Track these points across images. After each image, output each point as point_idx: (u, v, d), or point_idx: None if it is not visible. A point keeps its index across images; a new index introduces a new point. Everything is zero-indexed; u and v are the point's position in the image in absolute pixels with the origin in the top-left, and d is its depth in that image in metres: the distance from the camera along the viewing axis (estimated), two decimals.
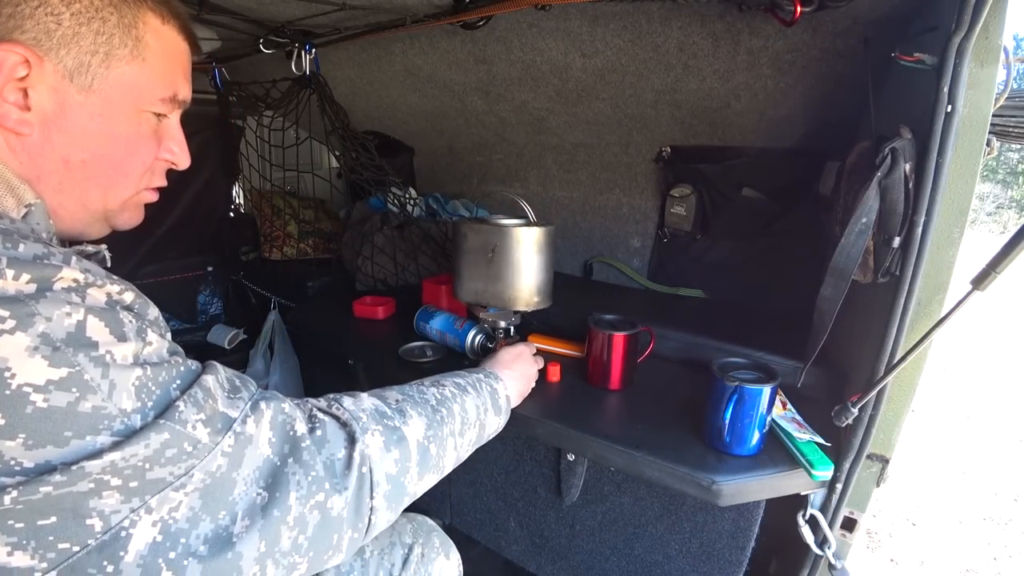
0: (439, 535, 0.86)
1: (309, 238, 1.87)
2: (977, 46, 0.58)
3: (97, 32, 0.45)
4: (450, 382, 0.71)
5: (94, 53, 0.45)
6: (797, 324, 0.92)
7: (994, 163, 15.55)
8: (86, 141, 0.47)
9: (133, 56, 0.47)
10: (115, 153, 0.49)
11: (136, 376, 0.40)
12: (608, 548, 0.99)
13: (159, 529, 0.38)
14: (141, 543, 0.38)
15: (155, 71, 0.49)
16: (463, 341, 1.10)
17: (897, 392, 0.74)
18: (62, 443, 0.35)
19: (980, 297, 0.56)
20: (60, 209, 0.49)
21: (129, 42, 0.47)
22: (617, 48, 1.09)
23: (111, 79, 0.46)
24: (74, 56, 0.44)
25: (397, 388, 0.65)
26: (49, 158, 0.46)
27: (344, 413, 0.54)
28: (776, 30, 0.92)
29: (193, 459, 0.41)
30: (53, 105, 0.44)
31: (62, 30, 0.43)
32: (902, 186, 0.64)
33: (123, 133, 0.49)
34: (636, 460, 0.79)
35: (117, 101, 0.47)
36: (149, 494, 0.38)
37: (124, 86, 0.47)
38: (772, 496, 0.78)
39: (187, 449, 0.41)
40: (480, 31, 1.12)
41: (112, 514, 0.37)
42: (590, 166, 1.53)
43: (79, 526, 0.36)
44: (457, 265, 1.05)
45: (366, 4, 1.04)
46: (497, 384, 0.79)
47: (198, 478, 0.41)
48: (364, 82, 1.59)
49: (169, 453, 0.40)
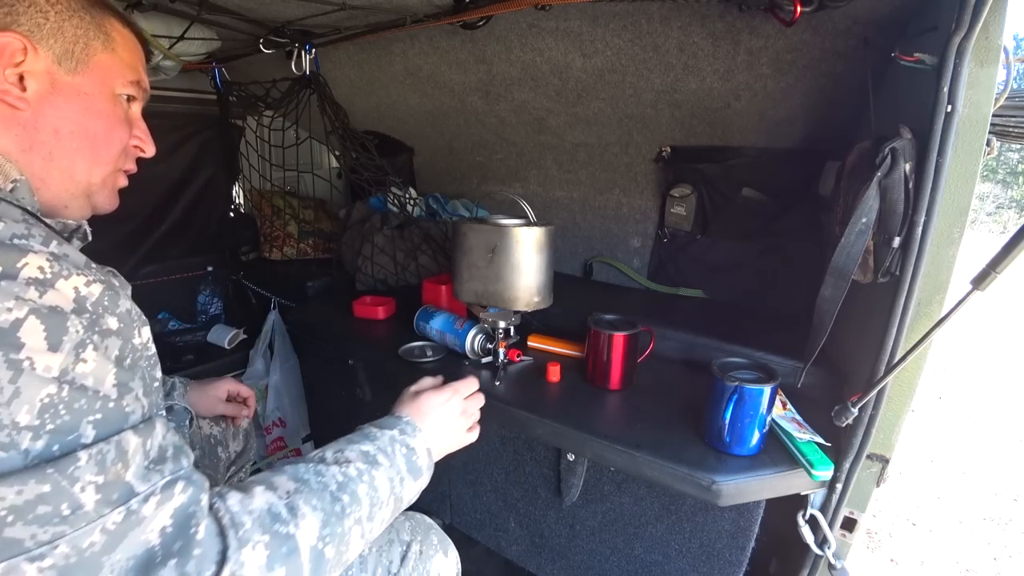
0: (437, 532, 0.86)
1: (309, 238, 1.87)
2: (977, 46, 0.58)
3: (76, 27, 0.54)
4: (357, 453, 0.60)
5: (76, 42, 0.54)
6: (797, 324, 0.92)
7: (994, 163, 15.55)
8: (74, 115, 0.54)
9: (105, 47, 0.56)
10: (97, 128, 0.56)
11: (48, 392, 0.37)
12: (608, 548, 0.99)
13: None
14: None
15: (123, 61, 0.58)
16: (463, 341, 1.10)
17: (897, 392, 0.74)
18: None
19: (980, 297, 0.56)
20: (48, 179, 0.54)
21: (101, 36, 0.56)
22: (617, 48, 1.09)
23: (91, 64, 0.55)
24: (60, 44, 0.53)
25: (292, 468, 0.54)
26: (42, 129, 0.52)
27: (226, 516, 0.45)
28: (776, 30, 0.92)
29: (65, 526, 0.36)
30: (45, 85, 0.52)
31: (49, 24, 0.52)
32: (902, 186, 0.64)
33: (103, 111, 0.57)
34: (636, 460, 0.79)
35: (97, 83, 0.56)
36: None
37: (101, 71, 0.56)
38: (772, 496, 0.78)
39: (63, 512, 0.36)
40: (480, 31, 1.12)
41: None
42: (590, 166, 1.53)
43: None
44: (457, 265, 1.05)
45: (366, 4, 1.04)
46: (414, 440, 0.68)
47: (62, 552, 0.35)
48: (364, 82, 1.59)
49: (41, 510, 0.35)
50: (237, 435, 1.05)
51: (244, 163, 1.80)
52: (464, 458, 1.17)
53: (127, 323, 0.46)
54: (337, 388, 1.41)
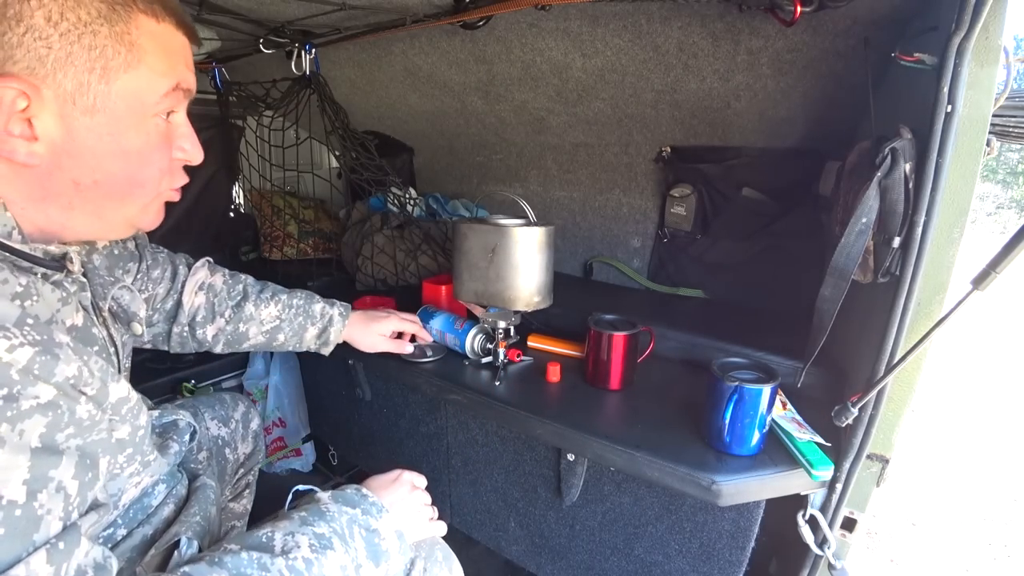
0: (442, 548, 0.82)
1: (309, 238, 1.87)
2: (977, 46, 0.58)
3: (90, 48, 0.42)
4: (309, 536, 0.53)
5: (91, 71, 0.42)
6: (797, 324, 0.92)
7: (994, 163, 15.53)
8: (97, 162, 0.45)
9: (129, 64, 0.45)
10: (127, 168, 0.47)
11: None
12: (608, 548, 0.99)
13: None
14: None
15: (154, 70, 0.47)
16: (463, 341, 1.10)
17: (897, 392, 0.74)
18: None
19: (980, 297, 0.56)
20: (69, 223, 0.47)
21: (123, 50, 0.44)
22: (617, 48, 1.09)
23: (113, 94, 0.44)
24: (72, 78, 0.42)
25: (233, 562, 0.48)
26: (58, 181, 0.44)
27: None
28: (776, 30, 0.92)
29: None
30: (60, 131, 0.42)
31: (54, 53, 0.40)
32: (902, 186, 0.64)
33: (134, 147, 0.47)
34: (636, 460, 0.79)
35: (123, 115, 0.45)
36: None
37: (127, 97, 0.45)
38: (772, 496, 0.78)
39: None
40: (480, 31, 1.12)
41: None
42: (590, 166, 1.53)
43: None
44: (457, 265, 1.05)
45: (366, 4, 1.04)
46: (378, 521, 0.61)
47: None
48: (364, 82, 1.59)
49: None
50: (246, 437, 1.04)
51: (244, 163, 1.80)
52: (464, 458, 1.17)
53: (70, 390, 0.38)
54: (337, 388, 1.41)
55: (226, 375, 1.68)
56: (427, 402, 1.20)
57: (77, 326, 0.51)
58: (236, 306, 0.94)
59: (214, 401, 1.02)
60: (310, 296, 1.03)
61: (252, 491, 1.06)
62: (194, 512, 0.71)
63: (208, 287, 0.94)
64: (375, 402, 1.31)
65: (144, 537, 0.65)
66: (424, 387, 1.08)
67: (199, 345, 0.94)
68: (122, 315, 0.69)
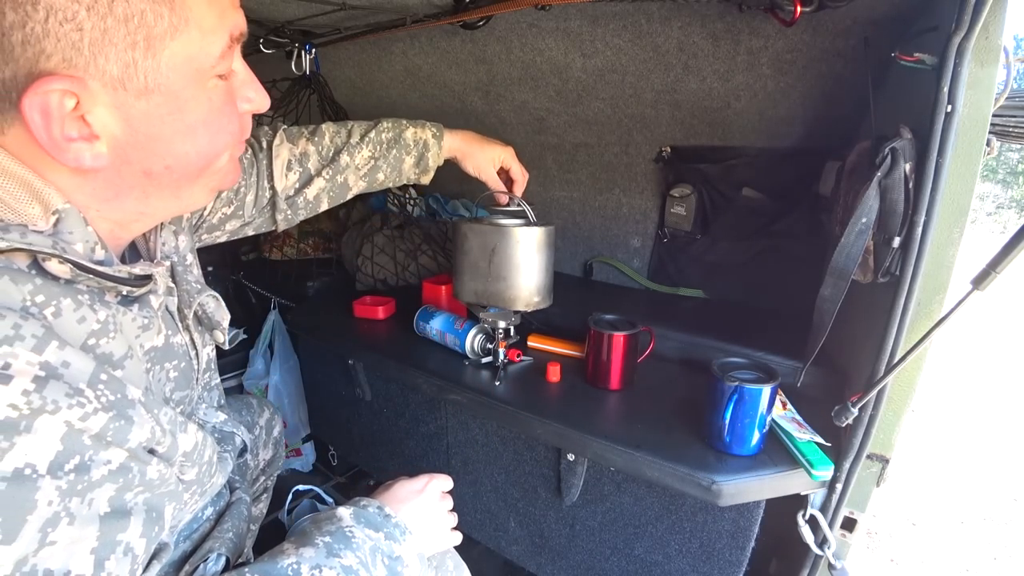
0: (452, 557, 0.79)
1: (309, 238, 1.87)
2: (977, 46, 0.58)
3: (126, 17, 0.35)
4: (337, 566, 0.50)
5: (134, 46, 0.36)
6: (797, 324, 0.92)
7: (994, 163, 15.53)
8: (165, 147, 0.41)
9: (174, 26, 0.38)
10: (198, 145, 0.43)
11: None
12: (608, 548, 0.99)
13: None
14: None
15: (204, 28, 0.39)
16: (463, 341, 1.10)
17: (897, 392, 0.74)
18: None
19: (980, 297, 0.56)
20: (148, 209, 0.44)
21: (164, 11, 0.37)
22: (617, 48, 1.09)
23: (163, 68, 0.38)
24: (115, 60, 0.36)
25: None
26: (128, 176, 0.41)
27: None
28: (776, 30, 0.92)
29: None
30: (118, 123, 0.38)
31: (87, 35, 0.34)
32: (902, 186, 0.64)
33: (199, 119, 0.42)
34: (636, 460, 0.79)
35: (179, 89, 0.40)
36: None
37: (179, 67, 0.39)
38: (772, 496, 0.78)
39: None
40: (480, 31, 1.12)
41: None
42: (590, 166, 1.53)
43: None
44: (457, 265, 1.05)
45: (366, 4, 1.04)
46: (401, 546, 0.57)
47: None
48: (364, 82, 1.59)
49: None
50: (268, 443, 1.02)
51: None
52: (464, 458, 1.17)
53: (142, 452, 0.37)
54: (337, 388, 1.41)
55: (226, 375, 1.69)
56: (427, 402, 1.20)
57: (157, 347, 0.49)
58: (331, 161, 0.89)
59: (241, 405, 0.99)
60: (397, 123, 0.95)
61: (269, 496, 1.05)
62: (227, 528, 0.67)
63: (299, 158, 0.86)
64: (375, 402, 1.31)
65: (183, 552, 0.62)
66: (424, 387, 1.08)
67: (307, 213, 0.92)
68: (206, 321, 0.66)
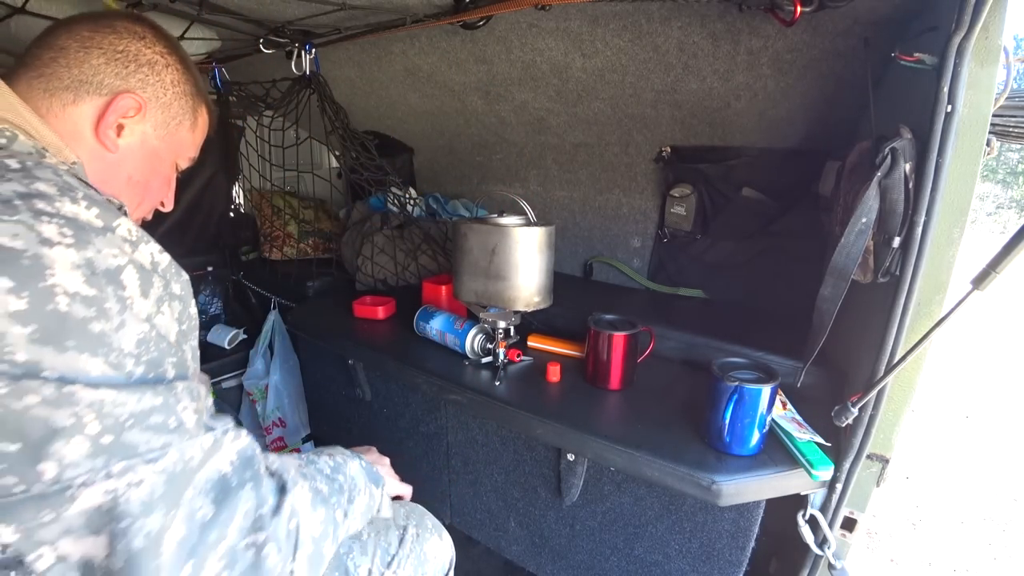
0: (431, 518, 0.89)
1: (309, 238, 1.87)
2: (977, 46, 0.58)
3: (181, 107, 0.65)
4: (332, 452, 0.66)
5: (174, 118, 0.64)
6: (797, 324, 0.92)
7: (994, 163, 15.52)
8: (144, 168, 0.63)
9: (190, 128, 0.67)
10: (154, 182, 0.66)
11: (142, 330, 0.43)
12: (608, 548, 0.99)
13: (110, 500, 0.37)
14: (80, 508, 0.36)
15: (195, 142, 0.70)
16: (463, 341, 1.10)
17: (897, 392, 0.74)
18: (61, 349, 0.37)
19: (980, 297, 0.56)
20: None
21: (191, 118, 0.67)
22: (617, 48, 1.09)
23: (174, 138, 0.65)
24: (163, 116, 0.63)
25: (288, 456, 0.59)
26: (118, 173, 0.61)
27: (273, 463, 0.52)
28: (776, 30, 0.92)
29: (173, 436, 0.41)
30: (138, 141, 0.61)
31: (165, 98, 0.63)
32: (902, 186, 0.64)
33: (164, 174, 0.67)
34: (636, 460, 0.79)
35: (171, 152, 0.66)
36: (116, 458, 0.38)
37: (178, 144, 0.67)
38: (772, 496, 0.78)
39: (170, 425, 0.42)
40: (480, 31, 1.12)
41: (69, 466, 0.36)
42: (590, 166, 1.53)
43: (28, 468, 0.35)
44: (457, 265, 1.05)
45: (366, 4, 1.04)
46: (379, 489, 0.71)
47: (172, 459, 0.40)
48: (364, 82, 1.59)
49: (154, 420, 0.40)
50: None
51: (244, 163, 1.80)
52: (464, 458, 1.17)
53: (187, 293, 0.52)
54: (337, 388, 1.41)
55: (226, 375, 1.69)
56: (427, 402, 1.20)
57: None
58: None
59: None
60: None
61: None
62: None
63: None
64: (375, 402, 1.31)
65: None
66: (424, 387, 1.08)
67: None
68: None
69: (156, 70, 0.61)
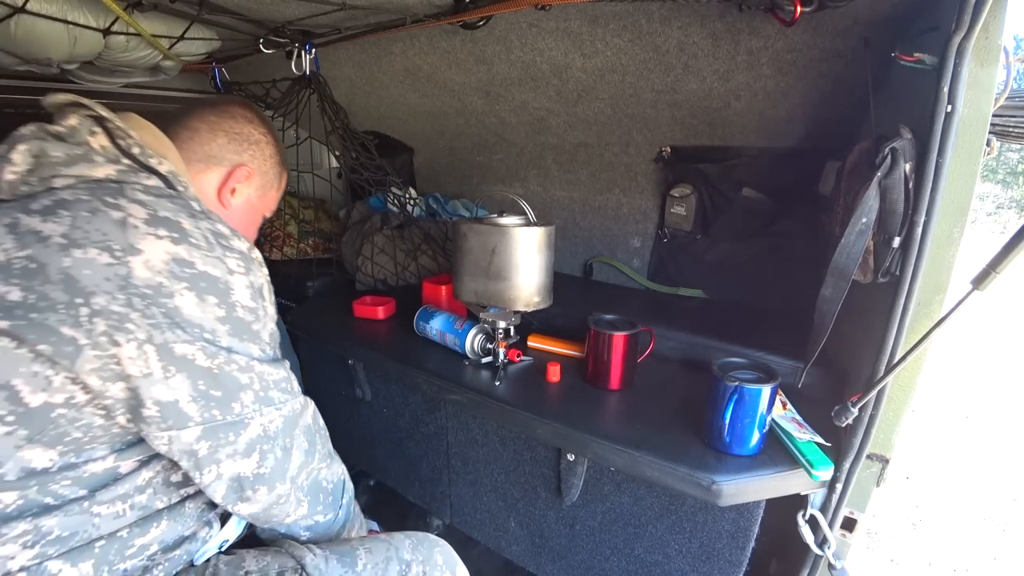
0: (443, 551, 0.80)
1: (309, 238, 1.87)
2: (977, 46, 0.58)
3: (275, 175, 0.84)
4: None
5: (268, 182, 0.83)
6: (797, 324, 0.92)
7: (994, 163, 15.51)
8: (245, 220, 0.82)
9: (276, 189, 0.86)
10: (250, 230, 0.84)
11: (271, 326, 0.66)
12: (608, 548, 0.99)
13: (261, 430, 0.61)
14: (252, 434, 0.61)
15: (276, 198, 0.88)
16: (463, 341, 1.10)
17: (897, 392, 0.74)
18: (241, 339, 0.60)
19: (980, 297, 0.56)
20: None
21: (277, 183, 0.86)
22: (617, 48, 1.09)
23: (265, 196, 0.84)
24: (262, 180, 0.81)
25: None
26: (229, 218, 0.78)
27: None
28: (776, 30, 0.92)
29: (288, 395, 0.65)
30: (243, 200, 0.80)
31: (267, 169, 0.82)
32: (902, 186, 0.64)
33: (255, 221, 0.86)
34: (636, 460, 0.79)
35: (263, 207, 0.85)
36: (264, 405, 0.62)
37: (268, 202, 0.85)
38: (772, 496, 0.78)
39: (289, 388, 0.66)
40: (480, 31, 1.12)
41: (245, 407, 0.60)
42: (590, 166, 1.53)
43: (228, 405, 0.58)
44: (457, 265, 1.05)
45: (366, 4, 1.04)
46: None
47: (288, 409, 0.65)
48: (364, 82, 1.59)
49: (283, 385, 0.64)
50: None
51: None
52: (464, 458, 1.17)
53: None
54: (337, 388, 1.41)
55: None
56: (427, 402, 1.20)
57: None
58: None
59: None
60: None
61: None
62: None
63: None
64: (375, 402, 1.31)
65: None
66: (424, 387, 1.08)
67: None
68: None
69: (260, 147, 0.80)
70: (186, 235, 0.57)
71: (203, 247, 0.57)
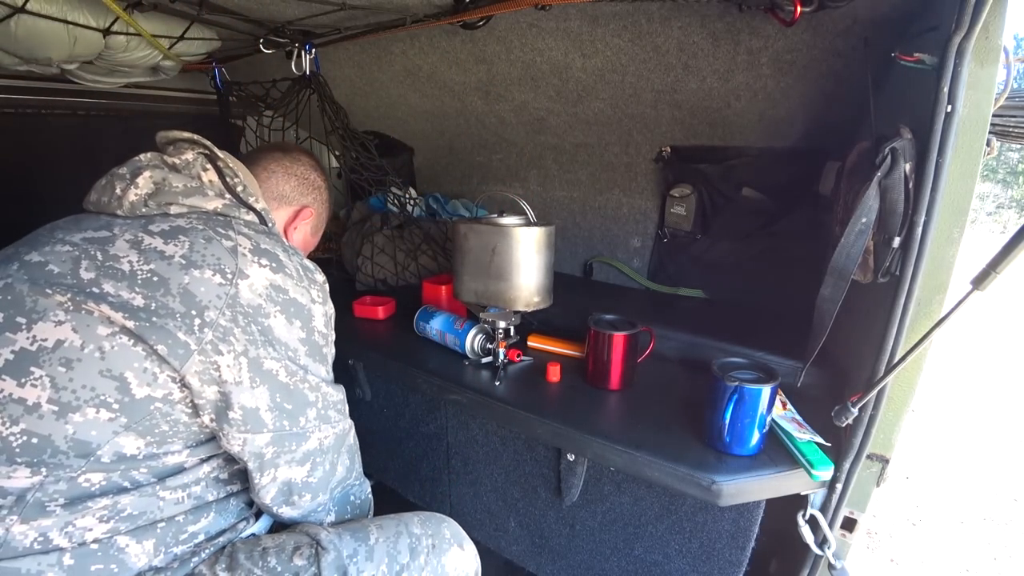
0: (450, 527, 0.84)
1: None
2: (977, 46, 0.57)
3: (326, 212, 0.96)
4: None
5: (321, 219, 0.95)
6: (797, 324, 0.92)
7: (994, 163, 15.52)
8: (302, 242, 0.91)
9: (325, 223, 0.97)
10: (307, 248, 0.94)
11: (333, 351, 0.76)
12: (608, 548, 0.99)
13: (318, 443, 0.70)
14: (309, 446, 0.69)
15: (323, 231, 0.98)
16: (463, 341, 1.10)
17: (897, 392, 0.74)
18: (314, 361, 0.70)
19: (980, 297, 0.56)
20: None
21: (326, 217, 0.97)
22: (617, 48, 1.09)
23: (318, 230, 0.96)
24: (317, 219, 0.93)
25: None
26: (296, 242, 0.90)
27: None
28: (776, 30, 0.92)
29: (341, 417, 0.75)
30: (302, 234, 0.90)
31: (323, 209, 0.94)
32: (902, 186, 0.64)
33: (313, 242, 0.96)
34: (636, 460, 0.79)
35: (314, 239, 0.96)
36: (323, 422, 0.70)
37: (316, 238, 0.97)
38: (772, 496, 0.78)
39: (343, 410, 0.75)
40: (480, 31, 1.12)
41: (308, 422, 0.68)
42: (590, 166, 1.53)
43: (296, 418, 0.67)
44: (457, 265, 1.05)
45: (366, 4, 1.04)
46: None
47: (339, 428, 0.74)
48: (364, 82, 1.59)
49: (339, 406, 0.74)
50: None
51: None
52: (464, 458, 1.17)
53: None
54: None
55: None
56: (427, 402, 1.20)
57: None
58: None
59: None
60: None
61: None
62: None
63: None
64: (375, 402, 1.31)
65: None
66: (424, 387, 1.08)
67: None
68: None
69: (320, 191, 0.92)
70: (282, 266, 0.67)
71: (295, 277, 0.68)
